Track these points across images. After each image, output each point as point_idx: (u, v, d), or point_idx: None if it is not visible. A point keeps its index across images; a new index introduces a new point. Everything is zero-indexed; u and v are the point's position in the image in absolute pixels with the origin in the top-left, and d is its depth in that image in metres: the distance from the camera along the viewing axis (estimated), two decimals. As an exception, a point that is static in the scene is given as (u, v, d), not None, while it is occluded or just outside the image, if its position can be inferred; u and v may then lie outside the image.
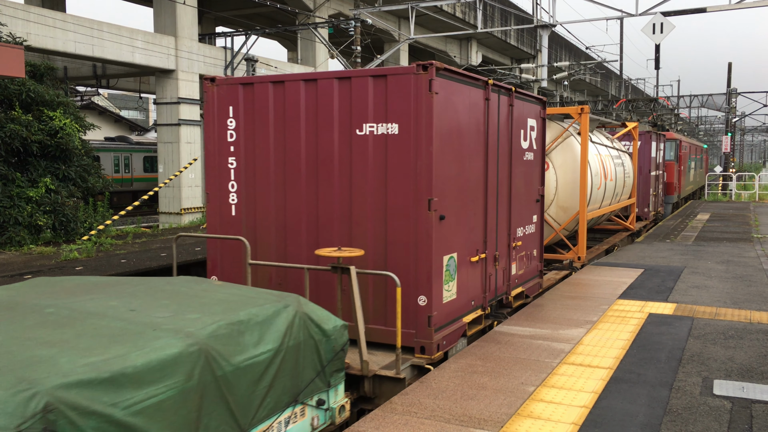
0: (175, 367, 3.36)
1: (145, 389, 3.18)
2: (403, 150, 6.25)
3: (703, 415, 4.85)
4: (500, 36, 41.34)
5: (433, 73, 6.08)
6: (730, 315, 7.99)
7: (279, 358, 4.11)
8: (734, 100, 39.31)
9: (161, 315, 3.94)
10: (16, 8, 17.56)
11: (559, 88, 52.36)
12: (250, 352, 3.90)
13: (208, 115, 7.24)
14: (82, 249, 13.80)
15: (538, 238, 9.38)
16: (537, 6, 21.61)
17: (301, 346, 4.33)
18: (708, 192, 35.31)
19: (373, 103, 6.39)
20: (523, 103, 8.53)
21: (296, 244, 6.89)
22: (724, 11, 18.80)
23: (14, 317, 3.82)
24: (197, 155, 24.02)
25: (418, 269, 6.24)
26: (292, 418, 4.32)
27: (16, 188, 14.93)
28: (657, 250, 13.82)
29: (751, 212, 23.68)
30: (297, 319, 4.32)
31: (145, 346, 3.38)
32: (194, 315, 3.96)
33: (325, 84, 6.59)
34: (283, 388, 4.17)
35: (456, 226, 6.71)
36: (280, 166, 6.93)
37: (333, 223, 6.66)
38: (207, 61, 24.39)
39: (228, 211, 7.25)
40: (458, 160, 6.72)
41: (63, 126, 15.73)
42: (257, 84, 6.97)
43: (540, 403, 5.11)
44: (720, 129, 70.68)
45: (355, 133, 6.50)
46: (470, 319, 7.10)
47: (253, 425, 3.91)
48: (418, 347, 6.25)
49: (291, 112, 6.81)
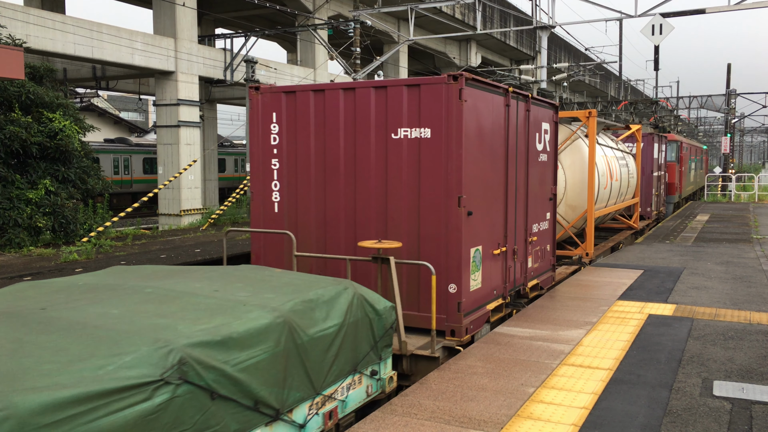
0: (267, 334, 4.05)
1: (246, 351, 3.86)
2: (435, 152, 6.85)
3: (703, 416, 4.85)
4: (499, 37, 41.36)
5: (463, 83, 6.68)
6: (729, 316, 7.99)
7: (342, 332, 4.77)
8: (733, 101, 39.33)
9: (242, 294, 4.61)
10: (15, 10, 17.57)
11: (558, 90, 52.38)
12: (320, 326, 4.57)
13: (253, 121, 7.83)
14: (81, 251, 13.79)
15: (551, 234, 9.93)
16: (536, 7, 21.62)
17: (359, 323, 5.01)
18: (707, 193, 35.31)
19: (407, 109, 6.99)
20: (538, 108, 9.09)
21: (335, 238, 7.49)
22: (723, 12, 18.81)
23: (121, 296, 4.46)
24: (197, 157, 24.02)
25: (449, 260, 6.82)
26: (352, 384, 4.99)
27: (15, 190, 14.93)
28: (657, 251, 13.82)
29: (751, 213, 23.68)
30: (355, 300, 5.01)
31: (241, 317, 4.06)
32: (270, 294, 4.63)
33: (362, 92, 7.21)
34: (346, 359, 4.83)
35: (481, 221, 7.31)
36: (320, 167, 7.53)
37: (370, 219, 7.26)
38: (206, 63, 24.39)
39: (271, 208, 7.86)
40: (483, 161, 7.31)
41: (62, 128, 15.74)
42: (299, 92, 7.56)
43: (540, 404, 5.11)
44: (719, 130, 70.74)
45: (390, 137, 7.09)
46: (493, 307, 7.70)
47: (323, 388, 4.57)
48: (448, 330, 6.85)
49: (331, 117, 7.40)
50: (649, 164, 19.16)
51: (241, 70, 25.72)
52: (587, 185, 11.91)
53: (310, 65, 29.68)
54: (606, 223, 16.91)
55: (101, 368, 3.13)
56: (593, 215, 12.04)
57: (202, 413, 3.47)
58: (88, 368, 3.13)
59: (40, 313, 3.98)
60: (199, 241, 16.18)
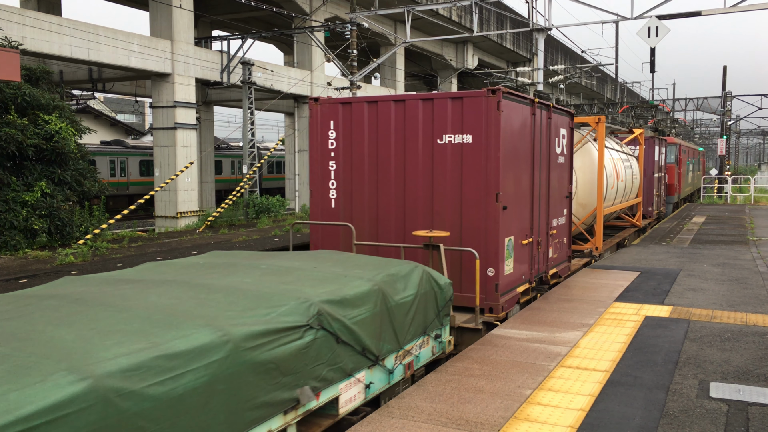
0: (368, 298, 5.09)
1: (356, 310, 4.91)
2: (476, 155, 7.86)
3: (700, 418, 4.85)
4: (496, 39, 41.39)
5: (501, 96, 7.69)
6: (726, 317, 8.00)
7: (416, 301, 5.78)
8: (729, 103, 39.41)
9: (337, 269, 5.61)
10: (11, 12, 17.53)
11: (554, 92, 52.45)
12: (401, 295, 5.60)
13: (313, 128, 8.82)
14: (77, 253, 13.76)
15: (567, 229, 10.92)
16: (532, 10, 21.65)
17: (427, 294, 6.01)
18: (704, 195, 35.35)
19: (451, 118, 7.99)
20: (558, 115, 10.09)
21: (386, 230, 8.50)
22: (719, 14, 18.87)
23: (243, 270, 5.49)
24: (193, 159, 23.98)
25: (488, 247, 7.85)
26: (422, 344, 6.04)
27: (11, 192, 14.88)
28: (653, 252, 13.84)
29: (747, 215, 23.74)
30: (424, 276, 6.00)
31: (347, 284, 5.11)
32: (358, 271, 5.60)
33: (411, 104, 8.22)
34: (419, 322, 5.86)
35: (513, 215, 8.30)
36: (373, 168, 8.54)
37: (418, 212, 8.26)
38: (203, 65, 24.36)
39: (328, 204, 8.85)
40: (515, 163, 8.30)
41: (58, 130, 15.70)
42: (354, 103, 8.60)
43: (537, 406, 5.11)
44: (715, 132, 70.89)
45: (436, 142, 8.09)
46: (522, 290, 8.69)
47: (404, 344, 5.64)
48: (487, 308, 7.90)
49: (383, 125, 8.41)
50: (650, 166, 19.89)
51: (237, 72, 25.70)
52: (596, 185, 12.77)
53: (307, 67, 29.67)
54: (611, 221, 17.66)
55: (267, 315, 4.20)
56: (602, 213, 12.92)
57: (332, 352, 4.58)
58: (258, 315, 4.17)
59: (195, 279, 5.07)
60: (196, 244, 16.16)
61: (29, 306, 4.17)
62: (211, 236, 17.96)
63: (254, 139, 25.88)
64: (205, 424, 3.47)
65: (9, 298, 4.46)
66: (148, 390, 3.14)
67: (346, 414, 4.91)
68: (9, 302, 4.31)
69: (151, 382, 3.18)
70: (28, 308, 4.12)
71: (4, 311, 4.05)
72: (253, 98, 25.74)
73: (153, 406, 3.15)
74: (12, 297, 4.47)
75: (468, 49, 41.47)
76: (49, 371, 2.95)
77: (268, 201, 24.09)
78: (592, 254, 12.88)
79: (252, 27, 32.94)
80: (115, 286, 4.80)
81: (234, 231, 19.34)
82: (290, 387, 4.15)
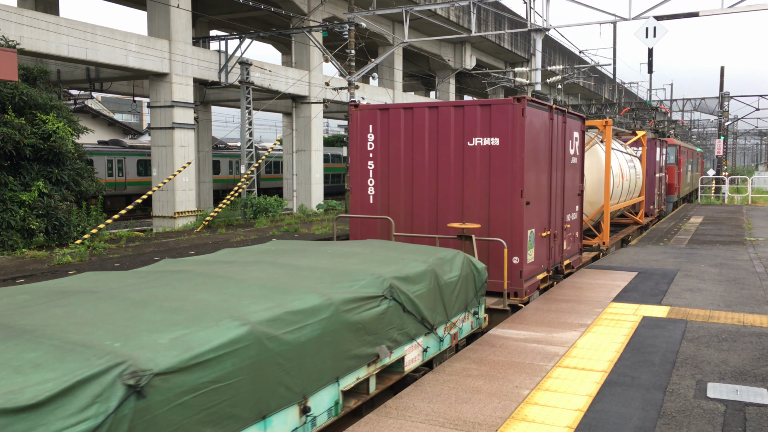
0: (424, 276, 5.97)
1: (416, 285, 5.80)
2: (503, 156, 8.70)
3: (697, 418, 4.85)
4: (494, 40, 41.41)
5: (525, 104, 8.55)
6: (723, 318, 8.01)
7: (460, 281, 6.65)
8: (727, 104, 39.45)
9: (391, 254, 6.46)
10: (8, 11, 17.50)
11: (552, 92, 52.49)
12: (448, 275, 6.46)
13: (353, 131, 9.71)
14: (75, 253, 13.74)
15: (579, 224, 11.75)
16: (530, 10, 21.65)
17: (468, 276, 6.90)
18: (701, 195, 35.36)
19: (480, 123, 8.83)
20: (571, 120, 10.88)
21: (420, 223, 9.35)
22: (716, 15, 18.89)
23: (314, 254, 6.30)
24: (191, 159, 23.95)
25: (513, 238, 8.69)
26: (464, 319, 6.92)
27: (8, 192, 14.85)
28: (650, 253, 13.85)
29: (744, 215, 23.77)
30: (465, 260, 6.91)
31: (407, 265, 5.99)
32: (410, 255, 6.47)
33: (444, 110, 9.08)
34: (461, 300, 6.75)
35: (534, 210, 9.12)
36: (409, 167, 9.37)
37: (449, 207, 9.09)
38: (201, 65, 24.34)
39: (367, 200, 9.72)
40: (536, 163, 9.12)
41: (56, 129, 15.67)
42: (392, 109, 9.45)
43: (534, 406, 5.11)
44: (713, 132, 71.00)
45: (466, 145, 8.93)
46: (541, 277, 9.57)
47: (451, 317, 6.52)
48: (512, 292, 8.78)
49: (418, 129, 9.25)
50: (652, 166, 20.58)
51: (235, 72, 25.68)
52: (604, 184, 13.53)
53: (305, 67, 29.65)
54: (615, 219, 18.38)
55: (351, 287, 5.07)
56: (609, 210, 13.72)
57: (400, 319, 5.49)
58: (344, 286, 5.05)
59: (278, 260, 5.89)
60: (194, 243, 16.14)
61: (163, 278, 4.99)
62: (208, 236, 17.95)
63: (252, 139, 25.86)
64: (318, 366, 4.42)
65: (133, 273, 5.30)
66: (284, 336, 4.09)
67: (410, 372, 5.83)
68: (137, 276, 5.13)
69: (285, 330, 4.12)
70: (163, 279, 4.92)
71: (141, 282, 4.81)
72: (251, 98, 25.72)
73: (287, 348, 4.10)
74: (136, 273, 5.32)
75: (466, 50, 41.49)
76: (218, 319, 3.86)
77: (266, 201, 24.08)
78: (600, 248, 13.64)
79: (250, 27, 32.92)
80: (217, 265, 5.60)
81: (232, 231, 19.33)
82: (372, 344, 5.08)
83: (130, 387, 3.00)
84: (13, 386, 2.74)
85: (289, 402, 4.13)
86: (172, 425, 3.20)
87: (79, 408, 2.80)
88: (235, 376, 3.64)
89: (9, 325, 3.55)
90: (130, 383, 3.00)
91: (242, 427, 3.71)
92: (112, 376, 2.98)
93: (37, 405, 2.66)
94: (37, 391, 2.71)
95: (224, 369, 3.56)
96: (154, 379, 3.12)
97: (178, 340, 3.46)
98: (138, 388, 3.03)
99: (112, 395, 2.93)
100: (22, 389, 2.72)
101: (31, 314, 3.79)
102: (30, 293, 4.39)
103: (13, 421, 2.57)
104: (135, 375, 3.04)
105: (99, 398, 2.88)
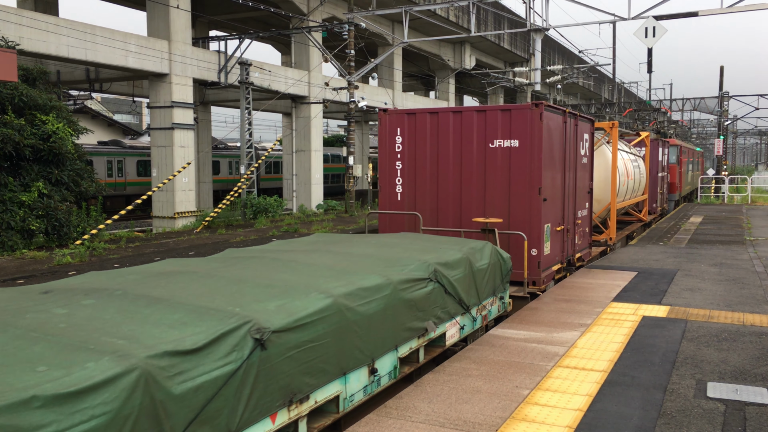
0: (461, 263, 6.73)
1: (455, 270, 6.55)
2: (522, 156, 9.37)
3: (697, 418, 4.86)
4: (493, 40, 41.40)
5: (543, 109, 9.24)
6: (723, 317, 8.01)
7: (489, 269, 7.40)
8: (726, 103, 39.45)
9: (428, 245, 7.18)
10: (8, 12, 17.50)
11: (552, 92, 52.49)
12: (479, 263, 7.20)
13: (382, 134, 10.43)
14: (75, 253, 13.74)
15: (588, 220, 12.50)
16: (530, 10, 21.65)
17: (495, 264, 7.64)
18: (701, 195, 35.34)
19: (501, 126, 9.51)
20: (582, 123, 11.58)
21: (445, 218, 10.05)
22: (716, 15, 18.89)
23: (360, 244, 7.02)
24: (191, 159, 23.94)
25: (531, 231, 9.37)
26: (492, 302, 7.67)
27: (8, 192, 14.85)
28: (650, 252, 13.86)
29: (744, 215, 23.77)
30: (493, 250, 7.66)
31: (446, 253, 6.73)
32: (445, 246, 7.19)
33: (468, 114, 9.78)
34: (490, 285, 7.51)
35: (550, 206, 9.80)
36: (434, 167, 10.06)
37: (472, 203, 9.82)
38: (201, 65, 24.33)
39: (395, 197, 10.42)
40: (551, 163, 9.81)
41: (56, 130, 15.67)
42: (418, 114, 10.15)
43: (534, 406, 5.11)
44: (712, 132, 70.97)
45: (488, 146, 9.62)
46: (556, 268, 10.28)
47: (482, 300, 7.25)
48: (530, 281, 9.47)
49: (443, 131, 9.93)
50: (654, 166, 21.20)
51: (235, 72, 25.67)
52: (611, 183, 14.26)
53: (305, 67, 29.65)
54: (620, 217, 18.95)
55: (401, 270, 5.83)
56: (615, 207, 14.49)
57: (442, 299, 6.25)
58: (397, 270, 5.82)
59: (332, 249, 6.65)
60: (193, 244, 16.14)
61: (240, 263, 5.66)
62: (208, 236, 17.95)
63: (252, 139, 25.85)
64: (382, 335, 5.19)
65: (210, 259, 5.97)
66: (357, 308, 4.86)
67: (450, 346, 6.57)
68: (217, 261, 5.80)
69: (358, 303, 4.90)
70: (241, 264, 5.60)
71: (224, 266, 5.51)
72: (251, 98, 25.71)
73: (360, 318, 4.85)
74: (213, 259, 6.02)
75: (465, 50, 41.48)
76: (307, 292, 4.63)
77: (266, 201, 24.07)
78: (607, 243, 14.35)
79: (249, 27, 32.91)
80: (279, 253, 6.25)
81: (231, 231, 19.33)
82: (422, 320, 5.84)
83: (256, 340, 3.83)
84: (174, 337, 3.53)
85: (361, 363, 4.95)
86: (283, 373, 4.03)
87: (224, 353, 3.63)
88: (324, 338, 4.44)
89: (144, 295, 4.29)
90: (256, 337, 3.84)
91: (330, 380, 4.56)
92: (244, 331, 3.81)
93: (196, 350, 3.48)
94: (195, 340, 3.53)
95: (317, 331, 4.38)
96: (272, 335, 3.95)
97: (281, 307, 4.29)
98: (262, 341, 3.86)
99: (245, 345, 3.77)
100: (183, 338, 3.51)
101: (154, 288, 4.54)
102: (138, 274, 5.09)
103: (182, 361, 3.38)
104: (259, 331, 3.88)
105: (236, 347, 3.71)
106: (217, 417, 3.52)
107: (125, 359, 3.13)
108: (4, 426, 2.59)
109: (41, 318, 3.75)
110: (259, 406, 3.84)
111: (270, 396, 3.93)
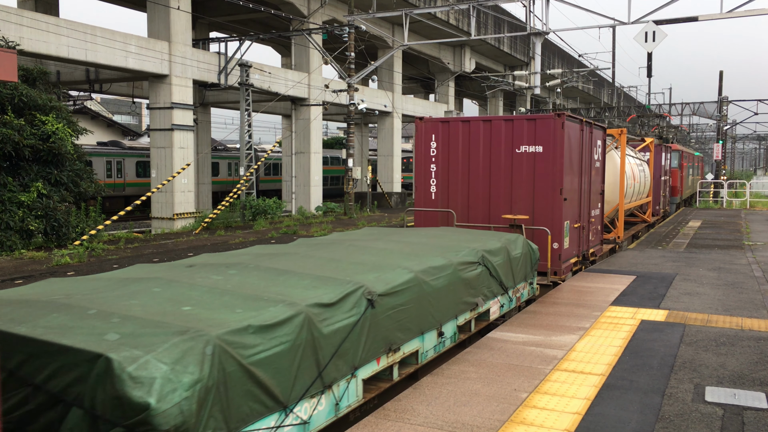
0: (501, 251, 7.85)
1: (497, 257, 7.67)
2: (545, 161, 10.41)
3: (695, 422, 4.86)
4: (493, 43, 41.45)
5: (564, 118, 10.29)
6: (721, 322, 8.01)
7: (522, 257, 8.51)
8: (725, 108, 39.49)
9: (469, 236, 8.20)
10: (8, 12, 17.50)
11: (551, 96, 52.54)
12: (515, 252, 8.28)
13: (418, 139, 11.46)
14: (73, 254, 13.73)
15: (600, 219, 13.47)
16: (530, 14, 21.68)
17: (526, 254, 8.73)
18: (699, 199, 35.34)
19: (526, 134, 10.55)
20: (596, 130, 12.55)
21: (475, 215, 11.09)
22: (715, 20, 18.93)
23: (408, 236, 7.91)
24: (190, 160, 23.94)
25: (553, 227, 10.40)
26: (524, 287, 8.75)
27: (7, 193, 14.84)
28: (649, 256, 13.87)
29: (743, 220, 23.79)
30: (524, 242, 8.76)
31: (488, 241, 7.85)
32: (484, 237, 8.22)
33: (496, 123, 10.82)
34: (522, 272, 8.59)
35: (569, 205, 10.84)
36: (465, 169, 11.08)
37: (500, 202, 10.83)
38: (201, 67, 24.35)
39: (429, 196, 11.45)
40: (570, 167, 10.81)
41: (55, 130, 15.67)
42: (452, 122, 11.19)
43: (533, 409, 5.11)
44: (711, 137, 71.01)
45: (515, 151, 10.63)
46: (574, 262, 11.37)
47: (516, 284, 8.32)
48: (551, 272, 10.51)
49: (474, 138, 10.97)
50: (658, 170, 22.02)
51: (235, 73, 25.69)
52: (619, 186, 15.23)
53: (305, 69, 29.66)
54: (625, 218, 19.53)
55: (457, 255, 6.90)
56: (623, 208, 15.52)
57: (488, 280, 7.35)
58: (451, 254, 6.85)
59: (393, 238, 7.66)
60: (192, 245, 16.13)
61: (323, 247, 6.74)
62: (207, 238, 17.95)
63: (251, 141, 25.86)
64: (446, 306, 6.37)
65: (292, 245, 6.97)
66: (431, 282, 6.05)
67: (493, 320, 7.65)
68: (299, 246, 6.88)
69: (431, 278, 6.07)
70: (324, 248, 6.67)
71: (311, 249, 6.59)
72: (251, 100, 25.72)
73: (432, 291, 6.05)
74: (294, 245, 7.05)
75: (465, 53, 41.52)
76: (394, 267, 5.81)
77: (265, 203, 24.07)
78: (616, 241, 15.33)
79: (250, 29, 32.93)
80: (348, 242, 7.17)
81: (230, 233, 19.32)
82: (474, 296, 7.00)
83: (368, 300, 5.00)
84: (314, 295, 4.65)
85: (433, 327, 6.13)
86: (384, 328, 5.24)
87: (349, 308, 4.82)
88: (409, 303, 5.62)
89: (272, 268, 5.37)
90: (369, 298, 5.01)
91: (413, 337, 5.74)
92: (360, 293, 4.98)
93: (332, 304, 4.65)
94: (330, 297, 4.69)
95: (404, 297, 5.55)
96: (378, 297, 5.13)
97: (379, 278, 5.42)
98: (372, 302, 5.04)
99: (362, 303, 4.95)
100: (321, 296, 4.65)
101: (275, 263, 5.62)
102: (248, 254, 6.22)
103: (325, 311, 4.55)
104: (370, 293, 5.06)
105: (356, 304, 4.89)
106: (346, 354, 4.72)
107: (293, 306, 4.30)
108: (234, 342, 3.70)
109: (211, 280, 4.91)
110: (371, 350, 5.05)
111: (377, 343, 5.13)
